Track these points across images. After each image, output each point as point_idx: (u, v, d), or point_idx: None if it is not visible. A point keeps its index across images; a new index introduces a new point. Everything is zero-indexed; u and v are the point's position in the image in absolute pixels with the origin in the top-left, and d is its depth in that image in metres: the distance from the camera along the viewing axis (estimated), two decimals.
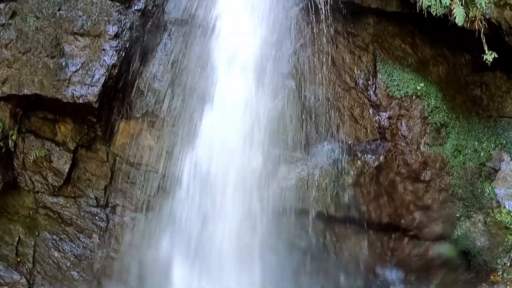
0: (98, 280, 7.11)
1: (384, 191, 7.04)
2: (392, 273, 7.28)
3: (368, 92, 7.11)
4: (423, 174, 7.10)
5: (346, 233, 7.07)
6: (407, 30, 7.31)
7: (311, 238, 6.96)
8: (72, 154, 6.98)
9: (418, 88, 7.19)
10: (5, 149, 6.87)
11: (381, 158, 7.04)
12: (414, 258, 7.18)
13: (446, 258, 7.18)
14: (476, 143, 7.38)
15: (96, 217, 7.06)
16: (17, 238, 7.16)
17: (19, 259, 7.13)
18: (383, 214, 7.01)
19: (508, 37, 6.82)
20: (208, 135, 6.53)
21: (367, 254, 7.10)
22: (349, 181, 6.96)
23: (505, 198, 7.27)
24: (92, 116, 6.75)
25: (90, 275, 7.12)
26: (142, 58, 6.99)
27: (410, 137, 7.10)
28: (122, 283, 6.90)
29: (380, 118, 7.11)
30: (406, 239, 7.14)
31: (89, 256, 7.08)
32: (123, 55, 6.64)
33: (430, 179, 7.11)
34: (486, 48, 6.70)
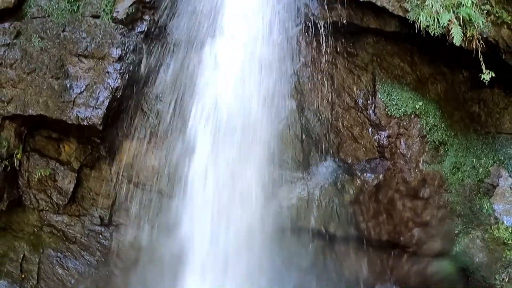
0: None
1: (383, 208, 7.14)
2: None
3: (367, 112, 7.21)
4: (421, 192, 7.20)
5: (346, 251, 7.16)
6: (406, 49, 7.41)
7: (311, 256, 7.05)
8: (76, 174, 7.09)
9: (417, 106, 7.29)
10: (10, 168, 7.02)
11: (380, 176, 7.15)
12: (413, 275, 7.25)
13: (444, 274, 7.25)
14: (475, 159, 7.46)
15: (100, 236, 7.17)
16: (21, 255, 7.29)
17: (23, 275, 7.24)
18: (383, 232, 7.10)
19: (506, 55, 6.92)
20: (209, 155, 6.62)
21: (366, 272, 7.17)
22: (348, 199, 7.07)
23: (504, 214, 7.34)
24: (96, 137, 6.87)
25: None
26: (145, 79, 7.10)
27: (409, 155, 7.20)
28: None
29: (379, 137, 7.21)
30: (405, 256, 7.23)
31: (93, 274, 7.19)
32: (126, 77, 6.75)
33: (428, 196, 7.21)
34: (483, 67, 6.78)
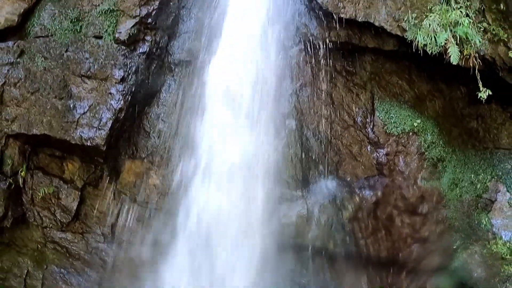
0: None
1: (382, 225, 7.21)
2: None
3: (366, 130, 7.29)
4: (420, 208, 7.27)
5: (346, 268, 7.22)
6: (404, 66, 7.50)
7: (311, 274, 7.13)
8: (80, 192, 7.18)
9: (415, 124, 7.37)
10: (14, 185, 7.07)
11: (379, 193, 7.23)
12: None
13: None
14: (473, 175, 7.52)
15: (103, 252, 7.25)
16: (25, 270, 7.36)
17: None
18: (381, 248, 7.17)
19: (502, 72, 7.00)
20: (210, 173, 6.72)
21: None
22: (347, 216, 7.15)
23: (502, 229, 7.39)
24: (100, 157, 6.94)
25: None
26: (147, 99, 7.20)
27: (407, 172, 7.28)
28: None
29: (378, 154, 7.29)
30: (404, 272, 7.29)
31: None
32: (129, 99, 6.82)
33: (427, 212, 7.28)
34: (480, 85, 6.87)
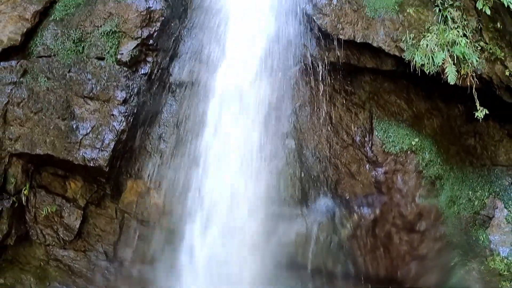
0: None
1: (380, 242, 7.29)
2: None
3: (365, 149, 7.38)
4: (418, 225, 7.34)
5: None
6: (402, 86, 7.59)
7: None
8: (82, 211, 7.25)
9: (413, 143, 7.45)
10: (18, 204, 7.14)
11: (377, 211, 7.31)
12: None
13: None
14: (470, 192, 7.60)
15: (106, 270, 7.31)
16: (28, 287, 7.43)
17: None
18: (380, 266, 7.24)
19: (499, 91, 7.09)
20: (210, 192, 6.81)
21: None
22: (346, 234, 7.22)
23: (499, 245, 7.46)
24: (102, 176, 7.02)
25: None
26: (148, 119, 7.27)
27: (405, 190, 7.36)
28: None
29: (376, 173, 7.37)
30: None
31: None
32: (131, 120, 6.90)
33: (425, 230, 7.35)
34: (477, 103, 6.95)
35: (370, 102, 7.50)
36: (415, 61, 6.86)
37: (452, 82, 6.80)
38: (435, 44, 6.94)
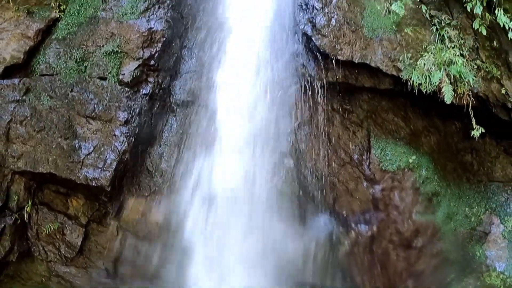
0: None
1: (378, 260, 7.36)
2: None
3: (362, 167, 7.46)
4: (415, 242, 7.42)
5: None
6: (400, 104, 7.69)
7: None
8: (84, 228, 7.31)
9: (410, 161, 7.54)
10: (20, 221, 7.17)
11: (374, 227, 7.39)
12: None
13: None
14: (467, 208, 7.69)
15: (107, 287, 7.37)
16: None
17: None
18: (378, 284, 7.30)
19: (495, 109, 7.18)
20: (210, 211, 6.90)
21: None
22: (343, 251, 7.30)
23: (495, 260, 7.53)
24: (104, 195, 7.09)
25: None
26: (149, 139, 7.35)
27: (402, 207, 7.44)
28: None
29: (373, 190, 7.46)
30: None
31: None
32: (132, 140, 6.96)
33: (422, 246, 7.42)
34: (474, 122, 7.06)
35: (368, 120, 7.58)
36: (413, 81, 6.95)
37: (448, 102, 6.88)
38: (432, 64, 7.03)
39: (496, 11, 6.74)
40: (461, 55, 7.12)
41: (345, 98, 7.56)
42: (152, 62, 7.21)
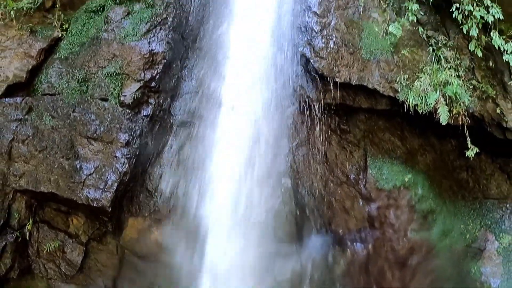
0: None
1: (374, 280, 7.43)
2: None
3: (358, 186, 7.54)
4: (410, 260, 7.50)
5: None
6: (397, 123, 7.77)
7: None
8: (84, 247, 7.37)
9: (406, 179, 7.63)
10: (21, 238, 7.22)
11: (370, 246, 7.47)
12: None
13: None
14: (462, 225, 7.77)
15: None
16: None
17: None
18: None
19: (491, 128, 7.29)
20: (209, 231, 6.99)
21: None
22: (339, 271, 7.36)
23: (490, 276, 7.61)
24: (104, 215, 7.16)
25: None
26: (149, 159, 7.41)
27: (397, 225, 7.51)
28: None
29: (369, 208, 7.54)
30: None
31: None
32: (133, 162, 7.03)
33: (416, 264, 7.49)
34: (469, 142, 7.15)
35: (364, 140, 7.66)
36: (409, 101, 7.04)
37: (444, 123, 6.97)
38: (428, 85, 7.12)
39: (491, 33, 6.84)
40: (457, 75, 7.21)
41: (343, 118, 7.64)
42: (153, 84, 7.29)
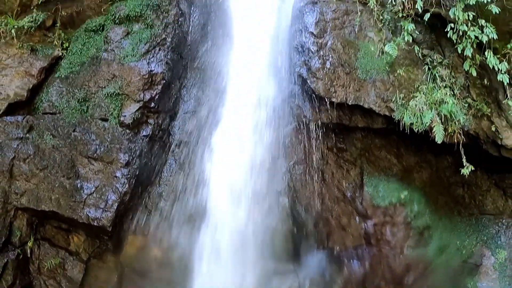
0: None
1: None
2: None
3: (355, 203, 7.60)
4: (406, 278, 7.54)
5: None
6: (393, 141, 7.84)
7: None
8: (85, 265, 7.42)
9: (402, 196, 7.68)
10: (22, 256, 7.29)
11: (367, 264, 7.51)
12: None
13: None
14: (458, 241, 7.80)
15: None
16: None
17: None
18: None
19: (486, 145, 7.34)
20: (207, 249, 7.07)
21: None
22: None
23: None
24: (104, 234, 7.23)
25: None
26: (149, 178, 7.50)
27: (394, 242, 7.56)
28: None
29: (366, 225, 7.59)
30: None
31: None
32: (133, 182, 7.10)
33: (413, 281, 7.53)
34: (464, 160, 7.19)
35: (361, 158, 7.73)
36: (405, 121, 7.10)
37: (439, 141, 7.01)
38: (424, 104, 7.18)
39: (486, 53, 6.91)
40: (453, 94, 7.26)
41: (339, 137, 7.71)
42: (152, 104, 7.38)
